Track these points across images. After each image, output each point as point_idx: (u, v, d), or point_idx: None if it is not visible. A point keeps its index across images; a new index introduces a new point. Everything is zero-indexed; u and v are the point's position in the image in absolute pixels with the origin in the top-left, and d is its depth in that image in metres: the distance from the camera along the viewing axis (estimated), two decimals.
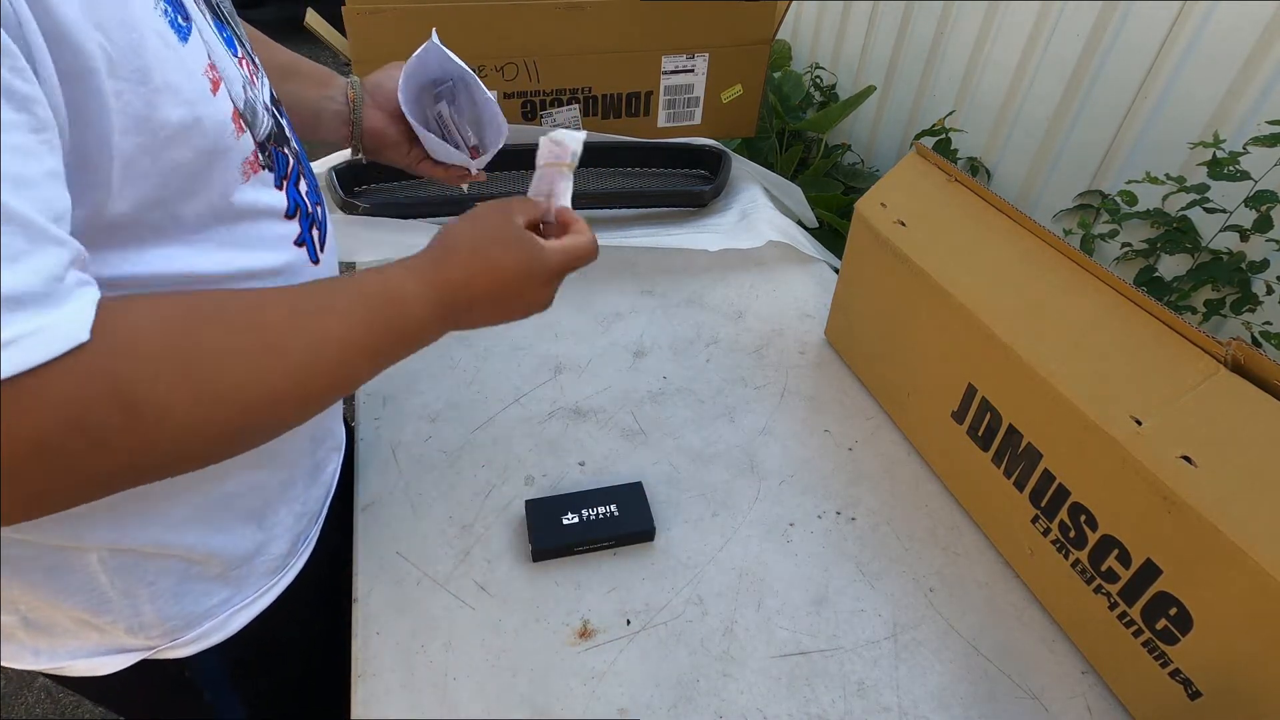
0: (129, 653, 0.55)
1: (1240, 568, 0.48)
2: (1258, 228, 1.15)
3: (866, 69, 2.14)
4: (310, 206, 0.54)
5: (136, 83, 0.37)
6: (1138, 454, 0.54)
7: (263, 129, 0.49)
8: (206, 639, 0.57)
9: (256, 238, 0.48)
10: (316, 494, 0.65)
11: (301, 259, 0.53)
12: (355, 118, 0.70)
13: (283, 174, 0.51)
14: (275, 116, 0.52)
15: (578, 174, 0.64)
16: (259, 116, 0.48)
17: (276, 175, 0.50)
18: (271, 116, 0.51)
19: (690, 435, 0.82)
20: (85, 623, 0.52)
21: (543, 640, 0.63)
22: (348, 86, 0.71)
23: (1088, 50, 1.46)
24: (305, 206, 0.53)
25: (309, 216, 0.54)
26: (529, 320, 0.57)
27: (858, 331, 0.89)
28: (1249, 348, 0.52)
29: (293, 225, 0.52)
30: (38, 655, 0.54)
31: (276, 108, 0.54)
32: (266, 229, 0.49)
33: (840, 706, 0.60)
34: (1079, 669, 0.63)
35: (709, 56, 1.25)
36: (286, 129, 0.55)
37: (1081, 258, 0.64)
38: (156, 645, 0.56)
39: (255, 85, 0.50)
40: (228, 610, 0.58)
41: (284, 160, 0.51)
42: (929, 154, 0.81)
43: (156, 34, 0.38)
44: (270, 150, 0.49)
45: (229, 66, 0.46)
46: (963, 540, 0.73)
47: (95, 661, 0.55)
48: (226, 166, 0.44)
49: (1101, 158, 1.48)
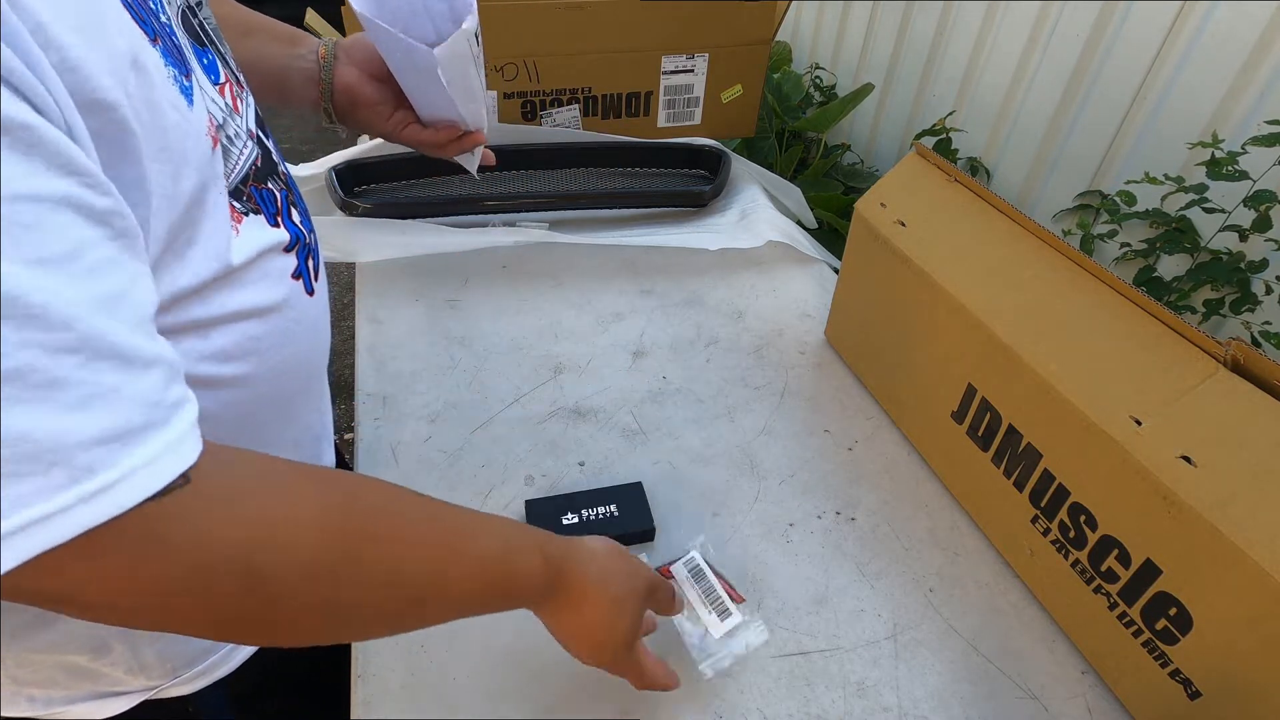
0: (129, 695, 0.53)
1: (1240, 568, 0.48)
2: (1257, 227, 1.15)
3: (866, 69, 2.14)
4: (306, 236, 0.53)
5: (164, 161, 0.36)
6: (1137, 454, 0.54)
7: (241, 165, 0.46)
8: (210, 674, 0.56)
9: (259, 276, 0.47)
10: None
11: (297, 292, 0.51)
12: (325, 76, 0.65)
13: (274, 210, 0.49)
14: (261, 142, 0.50)
15: (578, 174, 0.63)
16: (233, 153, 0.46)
17: (267, 214, 0.48)
18: (257, 145, 0.49)
19: (690, 435, 0.82)
20: (80, 669, 0.50)
21: (543, 640, 0.63)
22: (319, 45, 0.66)
23: (1088, 50, 1.46)
24: (303, 237, 0.52)
25: (306, 247, 0.52)
26: (529, 320, 0.57)
27: (858, 331, 0.89)
28: (1249, 348, 0.52)
29: (290, 259, 0.50)
30: (33, 702, 0.52)
31: (262, 130, 0.51)
32: (269, 266, 0.48)
33: (840, 706, 0.60)
34: (1079, 669, 0.63)
35: (709, 56, 1.25)
36: (274, 154, 0.52)
37: (1081, 258, 0.64)
38: (158, 685, 0.54)
39: (238, 113, 0.47)
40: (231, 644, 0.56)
41: (270, 196, 0.49)
42: (929, 154, 0.81)
43: (171, 106, 0.37)
44: (249, 191, 0.47)
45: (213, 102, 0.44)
46: (963, 540, 0.73)
47: (93, 705, 0.53)
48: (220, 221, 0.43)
49: (1101, 158, 1.48)
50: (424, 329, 0.94)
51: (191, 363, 0.42)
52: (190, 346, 0.42)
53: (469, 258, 1.05)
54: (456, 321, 0.95)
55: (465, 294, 1.00)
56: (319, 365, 0.58)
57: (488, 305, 0.98)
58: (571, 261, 1.07)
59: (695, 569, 0.61)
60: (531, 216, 1.13)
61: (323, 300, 0.56)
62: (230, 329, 0.45)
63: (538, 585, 0.47)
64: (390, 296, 0.99)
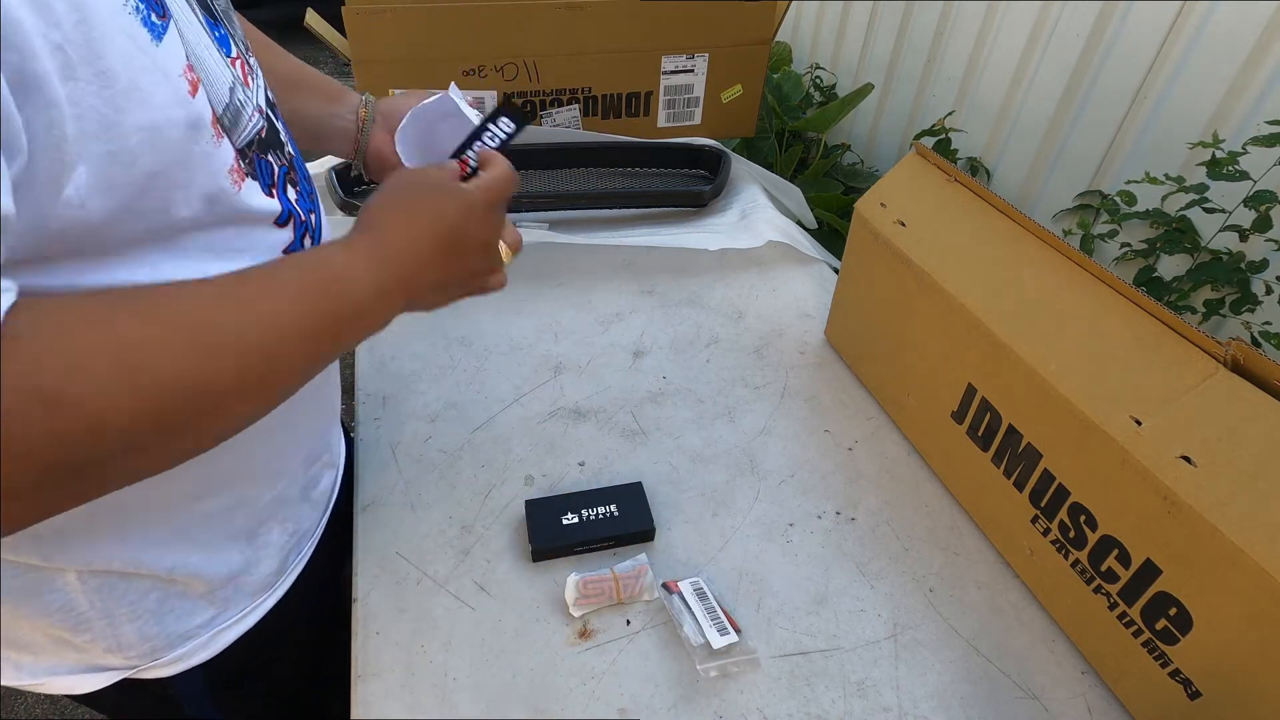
0: (108, 671, 0.54)
1: (1240, 568, 0.48)
2: (1257, 228, 1.15)
3: (866, 69, 2.14)
4: (303, 214, 0.52)
5: (100, 85, 0.34)
6: (1137, 454, 0.54)
7: (246, 133, 0.46)
8: (189, 659, 0.56)
9: (246, 245, 0.46)
10: (310, 511, 0.64)
11: None
12: (362, 139, 0.68)
13: (269, 182, 0.48)
14: (270, 119, 0.50)
15: (578, 175, 0.64)
16: (242, 121, 0.46)
17: (263, 183, 0.47)
18: (264, 119, 0.49)
19: (690, 435, 0.82)
20: (63, 641, 0.51)
21: (543, 640, 0.63)
22: (360, 104, 0.68)
23: (1088, 50, 1.46)
24: (298, 214, 0.51)
25: (302, 224, 0.51)
26: (529, 320, 0.57)
27: (858, 331, 0.89)
28: (1248, 348, 0.52)
29: (285, 233, 0.49)
30: (19, 671, 0.53)
31: (272, 110, 0.52)
32: (258, 237, 0.47)
33: (840, 706, 0.60)
34: (1079, 669, 0.63)
35: (709, 56, 1.25)
36: (282, 133, 0.53)
37: (1081, 258, 0.64)
38: (137, 665, 0.54)
39: (249, 86, 0.48)
40: (212, 630, 0.56)
41: (267, 167, 0.48)
42: (929, 154, 0.81)
43: (125, 34, 0.35)
44: (252, 157, 0.46)
45: (216, 67, 0.43)
46: (963, 540, 0.73)
47: (73, 679, 0.54)
48: (211, 172, 0.42)
49: (1101, 158, 1.48)
50: (424, 329, 0.94)
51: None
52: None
53: None
54: (456, 321, 0.95)
55: None
56: None
57: (488, 305, 0.98)
58: (571, 261, 1.07)
59: (699, 589, 0.65)
60: (531, 216, 1.13)
61: None
62: None
63: (359, 265, 0.45)
64: None
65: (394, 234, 0.48)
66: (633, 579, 0.65)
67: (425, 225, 0.49)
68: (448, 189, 0.51)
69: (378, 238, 0.47)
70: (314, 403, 0.61)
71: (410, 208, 0.50)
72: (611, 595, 0.64)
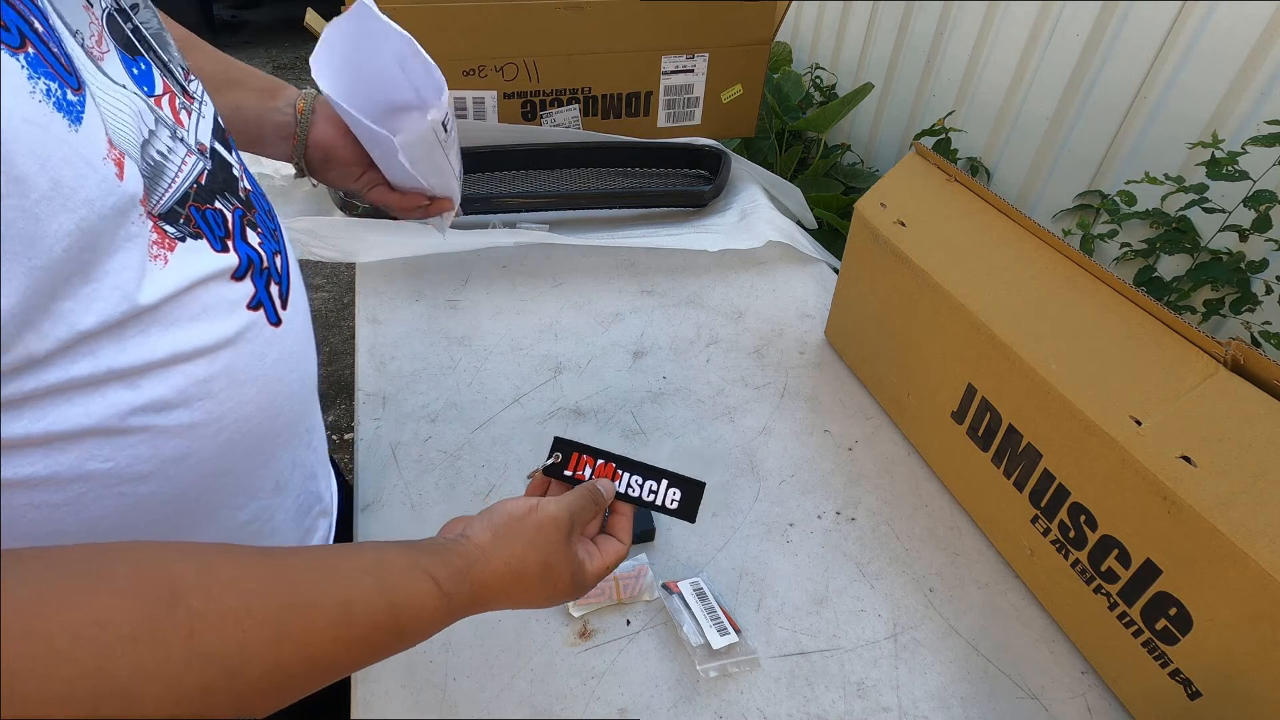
0: None
1: (1240, 568, 0.48)
2: (1257, 227, 1.15)
3: (866, 69, 2.14)
4: (267, 258, 0.47)
5: (18, 197, 0.30)
6: (1137, 454, 0.54)
7: (179, 184, 0.40)
8: None
9: (199, 311, 0.41)
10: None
11: (257, 324, 0.45)
12: (300, 132, 0.64)
13: (221, 233, 0.43)
14: (217, 156, 0.45)
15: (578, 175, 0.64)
16: (167, 171, 0.39)
17: (212, 237, 0.42)
18: (204, 158, 0.44)
19: (690, 435, 0.82)
20: None
21: (543, 640, 0.63)
22: (298, 98, 0.65)
23: (1088, 50, 1.46)
24: (260, 261, 0.46)
25: (265, 272, 0.46)
26: (529, 320, 0.56)
27: (858, 331, 0.89)
28: (1248, 348, 0.52)
29: (244, 286, 0.44)
30: None
31: (223, 142, 0.47)
32: (209, 296, 0.41)
33: (840, 706, 0.60)
34: (1079, 669, 0.63)
35: (709, 56, 1.25)
36: (235, 167, 0.47)
37: (1081, 258, 0.64)
38: None
39: (182, 125, 0.42)
40: None
41: (217, 216, 0.43)
42: (929, 154, 0.81)
43: (35, 125, 0.30)
44: (188, 213, 0.40)
45: (137, 116, 0.38)
46: (963, 540, 0.73)
47: None
48: (133, 254, 0.36)
49: (1101, 158, 1.48)
50: (424, 329, 0.94)
51: (121, 417, 0.38)
52: (118, 399, 0.37)
53: (469, 258, 1.05)
54: (456, 321, 0.95)
55: (465, 294, 1.00)
56: (302, 398, 0.51)
57: (488, 305, 0.98)
58: (571, 261, 1.07)
59: (699, 590, 0.65)
60: (531, 217, 1.13)
61: (295, 330, 0.49)
62: (165, 375, 0.39)
63: (435, 608, 0.41)
64: (390, 296, 0.99)
65: (496, 596, 0.45)
66: (633, 579, 0.65)
67: (531, 595, 0.47)
68: (566, 560, 0.48)
69: (478, 595, 0.44)
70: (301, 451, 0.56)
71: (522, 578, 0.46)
72: (611, 595, 0.64)
